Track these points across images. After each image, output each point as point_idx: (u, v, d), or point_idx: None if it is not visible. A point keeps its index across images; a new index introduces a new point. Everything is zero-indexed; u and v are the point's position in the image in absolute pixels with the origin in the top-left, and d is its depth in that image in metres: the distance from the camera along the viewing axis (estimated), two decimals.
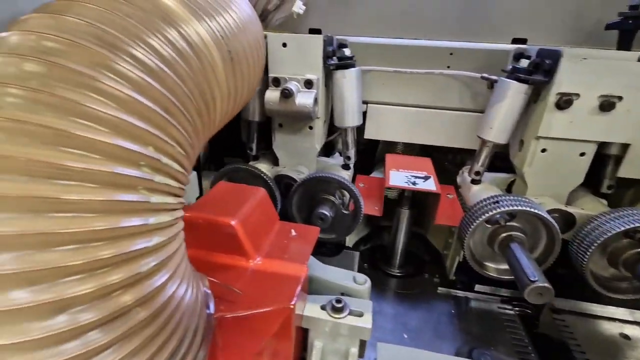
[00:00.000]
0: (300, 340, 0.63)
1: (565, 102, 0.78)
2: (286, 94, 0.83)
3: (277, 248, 0.65)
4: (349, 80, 0.91)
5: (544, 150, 0.84)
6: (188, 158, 0.42)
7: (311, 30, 1.08)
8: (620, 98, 0.77)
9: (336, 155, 1.17)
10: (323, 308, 0.61)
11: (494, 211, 0.76)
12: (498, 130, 0.86)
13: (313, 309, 0.61)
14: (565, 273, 0.88)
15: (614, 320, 0.86)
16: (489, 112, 0.87)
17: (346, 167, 1.04)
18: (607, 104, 0.77)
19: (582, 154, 0.83)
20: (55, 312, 0.31)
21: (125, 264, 0.34)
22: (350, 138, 0.98)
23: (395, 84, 1.04)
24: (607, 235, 0.74)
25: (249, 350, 0.53)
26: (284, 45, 0.87)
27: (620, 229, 0.72)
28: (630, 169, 0.83)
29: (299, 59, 0.87)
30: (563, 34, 1.00)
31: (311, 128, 0.95)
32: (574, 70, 0.76)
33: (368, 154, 1.25)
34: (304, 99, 0.86)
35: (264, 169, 0.97)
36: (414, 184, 0.90)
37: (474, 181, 0.96)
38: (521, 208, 0.74)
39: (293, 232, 0.70)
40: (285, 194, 0.96)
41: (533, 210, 0.73)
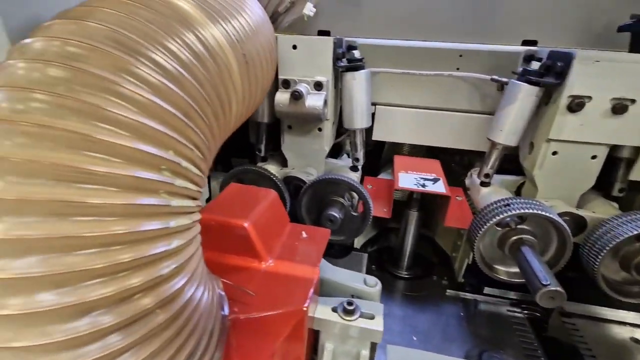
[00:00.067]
0: (311, 342, 0.63)
1: (577, 105, 0.78)
2: (296, 96, 0.84)
3: (289, 250, 0.66)
4: (359, 82, 0.91)
5: (554, 153, 0.84)
6: (205, 161, 0.43)
7: (320, 32, 1.08)
8: (633, 101, 0.76)
9: (344, 157, 1.17)
10: (334, 310, 0.61)
11: (505, 214, 0.76)
12: (508, 133, 0.86)
13: (324, 311, 0.61)
14: (575, 276, 0.87)
15: (625, 324, 0.86)
16: (500, 115, 0.87)
17: (354, 169, 1.04)
18: (620, 107, 0.76)
19: (594, 157, 0.83)
20: (78, 315, 0.32)
21: (145, 267, 0.34)
22: (359, 140, 0.98)
23: (403, 86, 1.04)
24: (619, 239, 0.73)
25: (262, 352, 0.53)
26: (294, 47, 0.87)
27: (632, 232, 0.72)
28: None
29: (309, 61, 0.88)
30: (573, 35, 0.99)
31: (320, 130, 0.95)
32: (587, 72, 0.76)
33: (374, 156, 1.25)
34: (313, 101, 0.86)
35: (273, 170, 0.97)
36: (423, 186, 0.90)
37: (484, 183, 0.95)
38: (532, 211, 0.73)
39: (304, 234, 0.70)
40: (294, 196, 0.96)
41: (544, 213, 0.73)
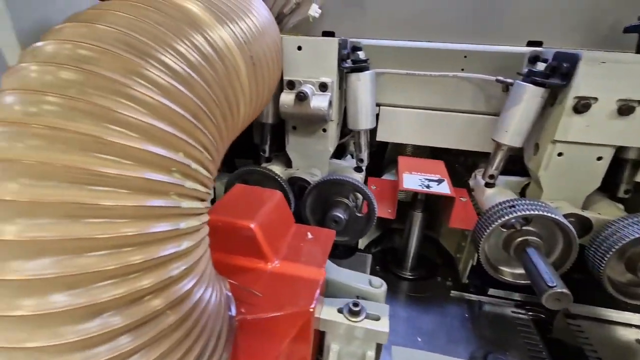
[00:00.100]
0: (316, 343, 0.63)
1: (583, 106, 0.77)
2: (301, 97, 0.84)
3: (294, 251, 0.66)
4: (363, 83, 0.91)
5: (560, 154, 0.84)
6: (214, 163, 0.43)
7: (324, 32, 1.08)
8: None
9: (348, 158, 1.17)
10: (340, 311, 0.61)
11: (510, 215, 0.76)
12: (513, 134, 0.86)
13: (330, 312, 0.61)
14: (580, 278, 0.87)
15: (631, 326, 0.86)
16: (505, 116, 0.87)
17: (359, 170, 1.04)
18: (626, 108, 0.76)
19: (599, 158, 0.82)
20: (90, 316, 0.32)
21: (156, 269, 0.34)
22: (364, 140, 0.98)
23: (408, 87, 1.04)
24: (625, 240, 0.73)
25: (268, 353, 0.53)
26: (299, 48, 0.87)
27: (638, 234, 0.72)
28: None
29: (314, 62, 0.88)
30: (579, 36, 0.99)
31: (325, 131, 0.96)
32: (593, 74, 0.75)
33: (377, 156, 1.25)
34: (318, 102, 0.86)
35: (278, 171, 0.97)
36: (427, 187, 0.90)
37: (488, 184, 0.95)
38: (538, 213, 0.73)
39: (309, 235, 0.71)
40: (298, 196, 0.96)
41: (550, 215, 0.73)
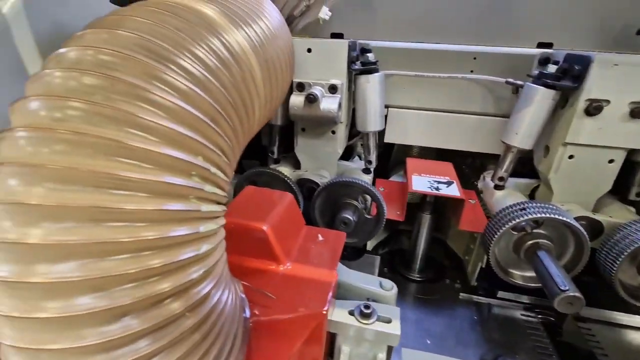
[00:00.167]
0: (327, 344, 0.63)
1: (595, 109, 0.77)
2: (311, 99, 0.84)
3: (306, 253, 0.66)
4: (373, 85, 0.91)
5: (571, 157, 0.83)
6: (230, 166, 0.43)
7: (333, 34, 1.08)
8: None
9: (356, 159, 1.17)
10: (351, 313, 0.61)
11: (521, 218, 0.75)
12: (523, 136, 0.86)
13: (341, 314, 0.61)
14: (590, 280, 0.87)
15: None
16: (515, 118, 0.87)
17: (367, 171, 1.04)
18: (638, 111, 0.76)
19: (611, 161, 0.82)
20: (112, 319, 0.32)
21: (176, 272, 0.35)
22: (372, 142, 0.98)
23: (417, 88, 1.04)
24: (637, 244, 0.72)
25: (281, 354, 0.53)
26: (309, 50, 0.88)
27: None
28: None
29: (323, 64, 0.88)
30: (590, 38, 0.98)
31: (334, 132, 0.96)
32: (605, 76, 0.75)
33: (383, 157, 1.25)
34: (328, 104, 0.86)
35: (286, 172, 0.97)
36: (437, 189, 0.90)
37: (497, 187, 0.95)
38: (549, 216, 0.73)
39: (320, 237, 0.71)
40: (307, 198, 0.97)
41: (562, 218, 0.72)
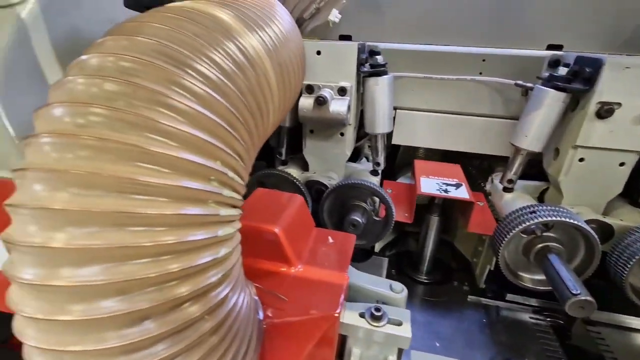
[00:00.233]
0: (337, 346, 0.63)
1: (606, 112, 0.76)
2: (320, 102, 0.84)
3: (317, 255, 0.66)
4: (382, 87, 0.91)
5: (581, 160, 0.83)
6: (246, 170, 0.43)
7: (341, 36, 1.09)
8: None
9: (363, 161, 1.18)
10: (362, 316, 0.62)
11: (531, 221, 0.75)
12: (533, 139, 0.85)
13: (351, 317, 0.61)
14: (599, 283, 0.86)
15: None
16: (524, 120, 0.86)
17: (375, 173, 1.04)
18: None
19: (622, 164, 0.81)
20: (132, 323, 0.33)
21: (195, 276, 0.35)
22: (381, 144, 0.98)
23: (425, 90, 1.04)
24: None
25: (293, 356, 0.54)
26: (318, 53, 0.88)
27: None
28: None
29: (333, 66, 0.88)
30: (600, 40, 0.98)
31: (342, 134, 0.96)
32: (617, 79, 0.75)
33: (388, 158, 1.24)
34: (337, 106, 0.86)
35: (295, 174, 0.98)
36: (445, 191, 0.90)
37: (506, 189, 0.95)
38: (560, 219, 0.73)
39: (330, 239, 0.71)
40: (315, 200, 0.97)
41: (573, 221, 0.72)
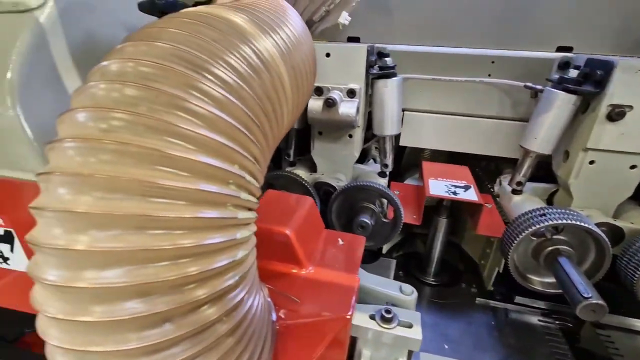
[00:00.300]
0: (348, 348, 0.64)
1: (617, 114, 0.76)
2: (330, 104, 0.84)
3: (327, 257, 0.67)
4: (391, 89, 0.91)
5: (592, 162, 0.82)
6: (262, 173, 0.44)
7: (350, 38, 1.09)
8: None
9: (370, 162, 1.18)
10: (372, 317, 0.62)
11: (541, 224, 0.75)
12: (543, 141, 0.85)
13: (362, 318, 0.61)
14: (610, 287, 0.86)
15: None
16: (534, 122, 0.86)
17: (383, 175, 1.05)
18: None
19: (633, 167, 0.81)
20: (153, 325, 0.33)
21: (213, 278, 0.36)
22: (389, 146, 0.98)
23: (433, 92, 1.04)
24: None
25: (305, 358, 0.54)
26: (328, 55, 0.88)
27: None
28: None
29: (342, 68, 0.88)
30: (610, 42, 0.97)
31: (351, 136, 0.96)
32: (628, 81, 0.74)
33: (394, 160, 1.24)
34: (347, 108, 0.86)
35: (303, 175, 0.98)
36: (454, 193, 0.90)
37: (515, 191, 0.94)
38: (571, 222, 0.72)
39: (340, 241, 0.71)
40: (323, 201, 0.97)
41: (583, 224, 0.72)
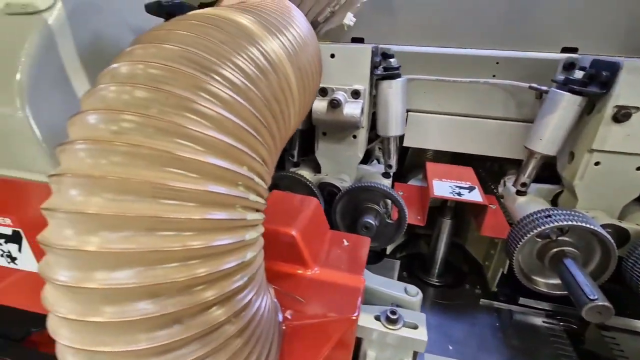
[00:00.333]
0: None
1: (623, 116, 0.76)
2: (334, 105, 0.85)
3: (332, 258, 0.67)
4: (395, 90, 0.91)
5: (597, 164, 0.82)
6: (269, 174, 0.44)
7: (354, 39, 1.09)
8: None
9: (374, 163, 1.18)
10: (377, 318, 0.62)
11: (546, 225, 0.75)
12: (548, 142, 0.85)
13: (367, 319, 0.61)
14: (615, 288, 0.85)
15: None
16: (539, 123, 0.86)
17: (387, 175, 1.05)
18: None
19: (639, 168, 0.81)
20: (162, 326, 0.33)
21: (222, 280, 0.36)
22: (393, 147, 0.99)
23: (438, 93, 1.04)
24: None
25: (310, 359, 0.54)
26: (332, 56, 0.88)
27: None
28: None
29: (346, 69, 0.89)
30: (615, 43, 0.97)
31: (355, 137, 0.96)
32: (634, 83, 0.74)
33: (398, 161, 1.24)
34: (351, 109, 0.86)
35: (307, 176, 0.98)
36: (458, 194, 0.90)
37: (520, 192, 0.94)
38: (576, 223, 0.72)
39: (345, 242, 0.71)
40: (328, 202, 0.97)
41: (589, 226, 0.72)
